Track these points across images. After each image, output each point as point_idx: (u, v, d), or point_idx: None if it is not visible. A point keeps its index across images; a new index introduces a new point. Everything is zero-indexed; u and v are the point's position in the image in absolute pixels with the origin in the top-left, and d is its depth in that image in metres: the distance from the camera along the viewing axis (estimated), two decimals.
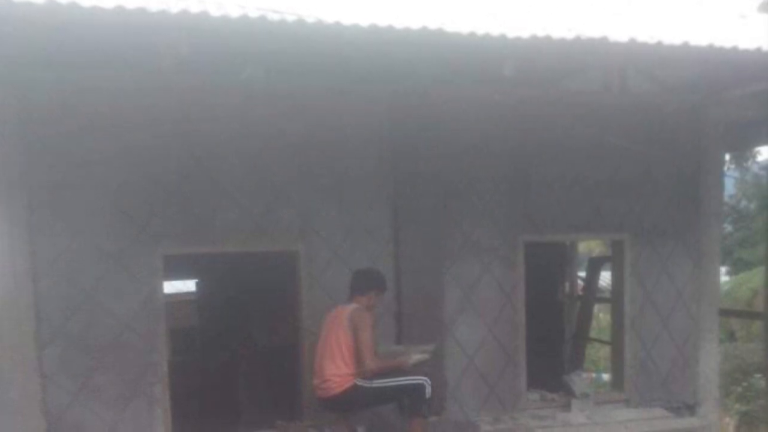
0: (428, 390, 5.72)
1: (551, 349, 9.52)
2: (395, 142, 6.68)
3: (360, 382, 5.72)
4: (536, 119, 6.95)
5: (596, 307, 11.77)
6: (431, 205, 6.75)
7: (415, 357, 5.89)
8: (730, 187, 20.92)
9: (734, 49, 5.61)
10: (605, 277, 10.15)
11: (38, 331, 5.74)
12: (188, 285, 13.71)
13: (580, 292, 10.57)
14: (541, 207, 7.23)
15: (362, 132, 6.62)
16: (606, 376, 8.99)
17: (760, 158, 18.66)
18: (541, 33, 5.21)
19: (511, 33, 5.14)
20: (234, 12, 4.62)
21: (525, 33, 5.17)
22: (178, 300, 12.94)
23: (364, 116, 6.61)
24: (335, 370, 5.75)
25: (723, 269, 16.53)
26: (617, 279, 7.82)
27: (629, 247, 7.60)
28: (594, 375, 9.46)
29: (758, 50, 5.67)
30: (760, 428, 10.78)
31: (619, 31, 5.50)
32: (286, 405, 7.40)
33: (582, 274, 11.00)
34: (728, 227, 23.92)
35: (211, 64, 5.46)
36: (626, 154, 7.25)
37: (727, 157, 12.00)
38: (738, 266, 22.40)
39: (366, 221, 6.66)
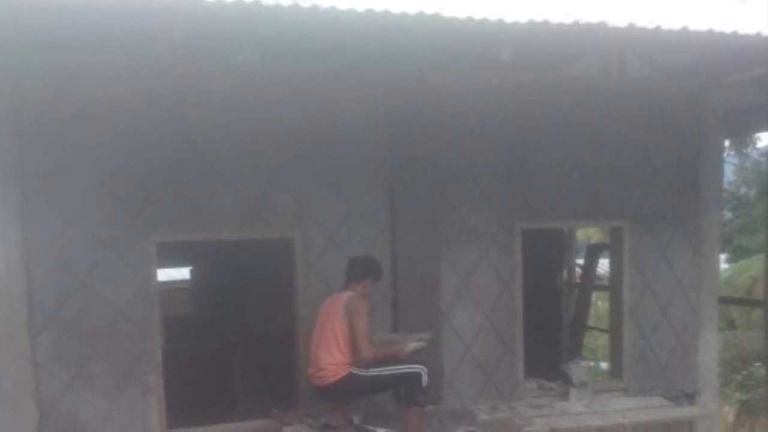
0: (425, 378, 5.69)
1: (549, 337, 9.51)
2: (392, 127, 6.64)
3: (356, 371, 5.70)
4: (534, 104, 6.91)
5: (594, 295, 11.76)
6: (428, 191, 6.71)
7: (412, 345, 5.85)
8: (729, 173, 20.86)
9: (734, 34, 5.57)
10: (604, 265, 10.11)
11: (31, 319, 5.71)
12: (182, 272, 13.68)
13: (578, 280, 10.55)
14: (539, 193, 7.19)
15: (359, 117, 6.59)
16: (604, 365, 8.96)
17: (759, 144, 18.57)
18: (538, 18, 5.17)
19: (509, 18, 5.10)
20: None
21: (523, 18, 5.12)
22: (173, 287, 12.88)
23: (360, 101, 6.57)
24: (331, 358, 5.73)
25: (722, 256, 16.49)
26: (616, 266, 7.79)
27: (628, 234, 7.56)
28: (592, 363, 9.43)
29: (758, 35, 5.62)
30: (760, 417, 10.78)
31: (618, 16, 5.45)
32: (282, 393, 7.39)
33: (580, 261, 10.97)
34: (728, 214, 23.90)
35: (206, 49, 5.44)
36: (625, 139, 7.20)
37: (727, 143, 11.93)
38: (738, 253, 22.38)
39: (362, 207, 6.62)
